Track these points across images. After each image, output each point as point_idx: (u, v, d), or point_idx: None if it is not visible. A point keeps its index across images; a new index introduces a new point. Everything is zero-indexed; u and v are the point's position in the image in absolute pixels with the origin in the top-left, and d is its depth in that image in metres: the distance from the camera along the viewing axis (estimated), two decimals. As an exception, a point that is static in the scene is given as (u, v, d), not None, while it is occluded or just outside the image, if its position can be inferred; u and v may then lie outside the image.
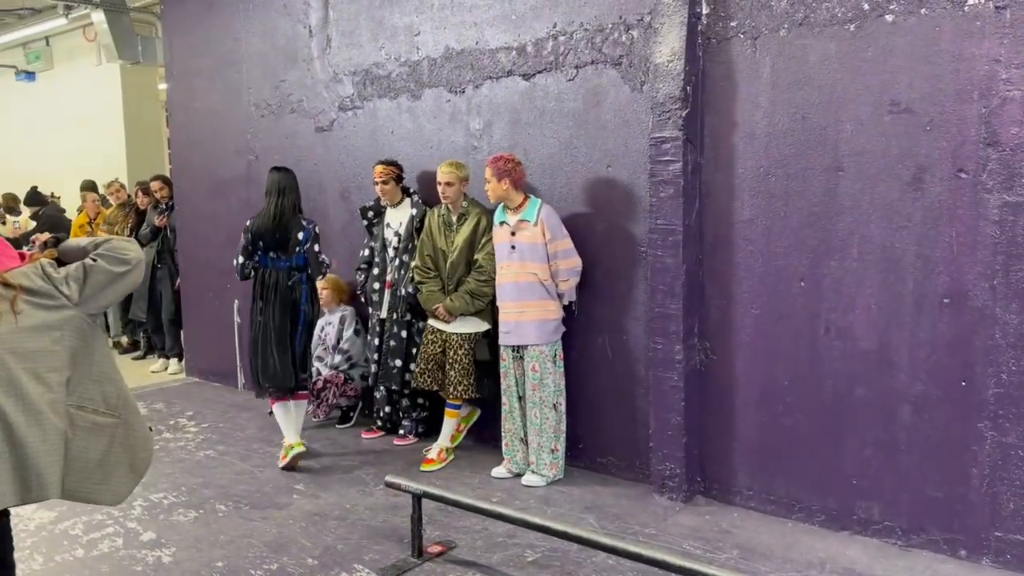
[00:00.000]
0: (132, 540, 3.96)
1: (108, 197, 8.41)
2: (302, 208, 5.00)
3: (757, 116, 3.92)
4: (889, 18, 3.53)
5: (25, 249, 2.54)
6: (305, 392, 5.08)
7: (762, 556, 3.62)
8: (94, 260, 2.35)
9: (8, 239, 2.50)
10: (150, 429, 2.57)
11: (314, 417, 5.61)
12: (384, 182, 5.13)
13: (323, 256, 4.98)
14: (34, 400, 2.18)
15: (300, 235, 4.82)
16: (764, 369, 4.02)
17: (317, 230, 4.94)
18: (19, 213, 10.64)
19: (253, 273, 4.88)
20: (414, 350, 5.11)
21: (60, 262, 2.40)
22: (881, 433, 3.70)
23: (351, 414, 5.78)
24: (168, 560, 3.73)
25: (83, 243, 2.47)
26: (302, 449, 4.89)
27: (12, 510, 2.38)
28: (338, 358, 5.67)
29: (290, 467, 4.85)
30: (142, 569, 3.65)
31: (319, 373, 5.66)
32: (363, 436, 5.48)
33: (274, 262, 4.82)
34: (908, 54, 3.50)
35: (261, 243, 4.79)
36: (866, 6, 3.58)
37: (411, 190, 5.29)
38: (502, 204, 4.55)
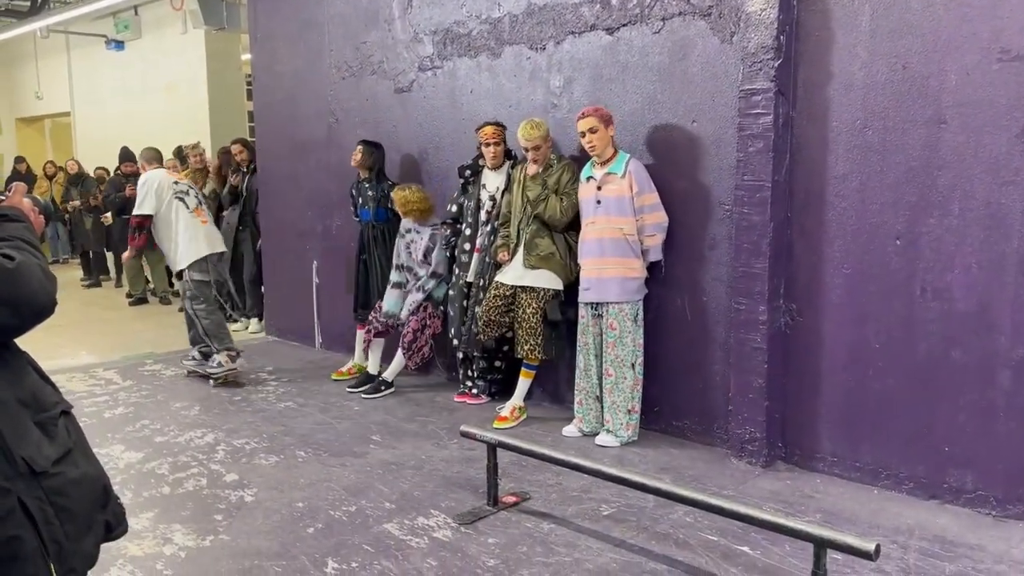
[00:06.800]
0: (216, 480, 4.07)
1: (189, 159, 8.53)
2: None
3: (854, 67, 3.76)
4: (1003, -41, 3.32)
5: None
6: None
7: (847, 521, 3.50)
8: None
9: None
10: None
11: (411, 367, 5.49)
12: (497, 143, 5.02)
13: None
14: None
15: None
16: (854, 331, 3.88)
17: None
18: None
19: None
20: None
21: None
22: (977, 398, 3.53)
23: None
24: (251, 499, 3.83)
25: None
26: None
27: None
28: (423, 276, 5.42)
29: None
30: (225, 507, 3.75)
31: (402, 286, 5.53)
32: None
33: None
34: (1022, -2, 3.30)
35: None
36: (978, -53, 3.38)
37: (512, 153, 5.15)
38: (593, 159, 4.48)
